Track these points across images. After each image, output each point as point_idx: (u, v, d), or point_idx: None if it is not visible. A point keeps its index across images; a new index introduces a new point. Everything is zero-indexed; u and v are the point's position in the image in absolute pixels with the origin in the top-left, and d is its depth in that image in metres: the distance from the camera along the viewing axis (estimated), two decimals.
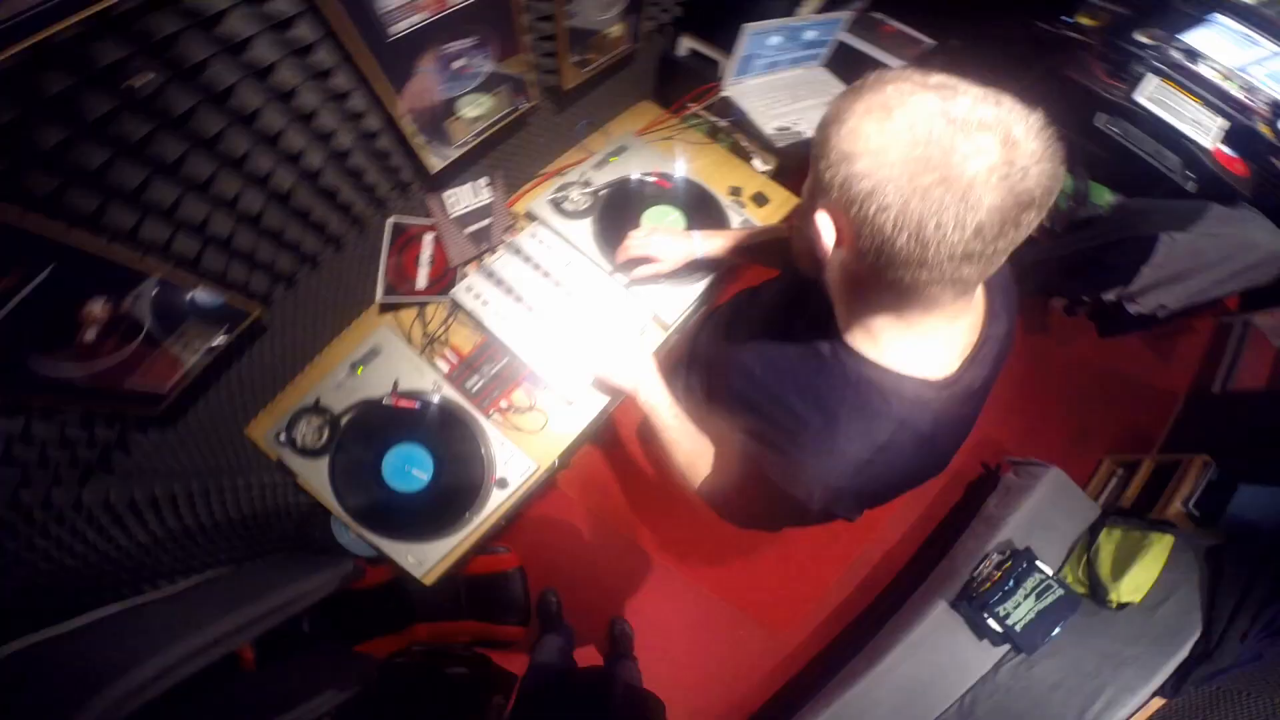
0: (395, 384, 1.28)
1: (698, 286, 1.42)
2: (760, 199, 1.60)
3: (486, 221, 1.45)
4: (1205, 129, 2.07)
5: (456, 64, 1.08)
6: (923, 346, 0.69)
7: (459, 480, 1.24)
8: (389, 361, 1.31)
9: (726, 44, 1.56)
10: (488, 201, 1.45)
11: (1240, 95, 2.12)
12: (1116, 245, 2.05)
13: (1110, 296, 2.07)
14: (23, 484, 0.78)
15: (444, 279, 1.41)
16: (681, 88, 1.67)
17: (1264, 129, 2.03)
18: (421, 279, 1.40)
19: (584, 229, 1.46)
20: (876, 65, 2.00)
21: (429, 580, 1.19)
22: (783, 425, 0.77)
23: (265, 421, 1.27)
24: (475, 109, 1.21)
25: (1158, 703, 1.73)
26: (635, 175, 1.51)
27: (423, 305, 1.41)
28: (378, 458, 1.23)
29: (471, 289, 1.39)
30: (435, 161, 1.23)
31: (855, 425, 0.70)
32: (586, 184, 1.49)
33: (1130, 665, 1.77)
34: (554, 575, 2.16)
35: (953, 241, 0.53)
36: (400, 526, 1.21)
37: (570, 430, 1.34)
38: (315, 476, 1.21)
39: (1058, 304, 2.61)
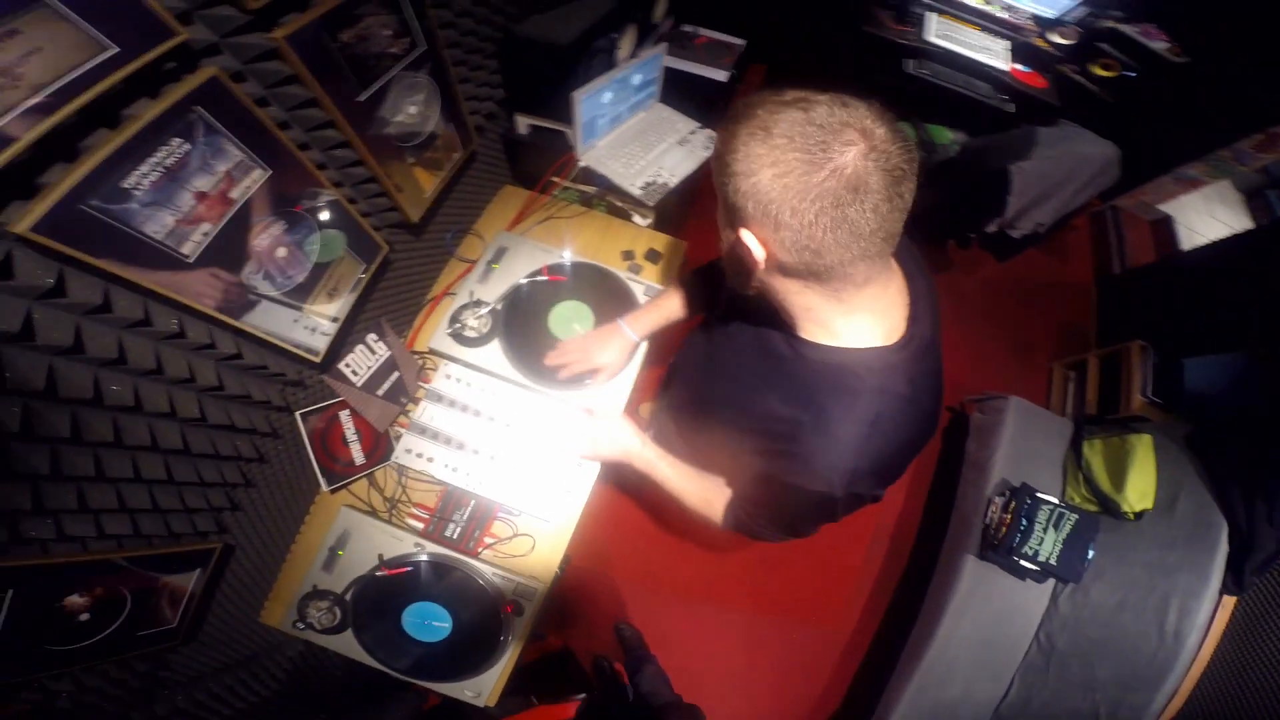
0: (380, 557, 1.24)
1: (632, 369, 1.39)
2: (653, 256, 1.58)
3: (395, 375, 1.34)
4: (994, 52, 2.24)
5: (280, 254, 0.96)
6: (869, 320, 0.75)
7: (478, 618, 1.25)
8: (364, 538, 1.26)
9: (561, 113, 1.50)
10: (387, 355, 1.34)
11: (1005, 15, 2.30)
12: (976, 185, 2.18)
13: (992, 229, 2.21)
14: None
15: (379, 445, 1.32)
16: (538, 164, 1.61)
17: (1039, 42, 2.22)
18: (357, 455, 1.29)
19: (494, 352, 1.38)
20: (705, 81, 2.04)
21: (492, 703, 1.24)
22: (780, 434, 0.80)
23: (276, 608, 1.26)
24: (326, 286, 1.09)
25: (1230, 601, 1.81)
26: (524, 280, 1.43)
27: (370, 474, 1.32)
28: (396, 622, 1.24)
29: (410, 449, 1.31)
30: (314, 348, 1.11)
31: (841, 408, 0.74)
32: (478, 305, 1.40)
33: (1181, 571, 1.84)
34: (595, 643, 2.09)
35: (858, 222, 0.61)
36: (445, 669, 1.24)
37: (561, 539, 1.33)
38: (349, 647, 1.22)
39: (952, 245, 2.76)
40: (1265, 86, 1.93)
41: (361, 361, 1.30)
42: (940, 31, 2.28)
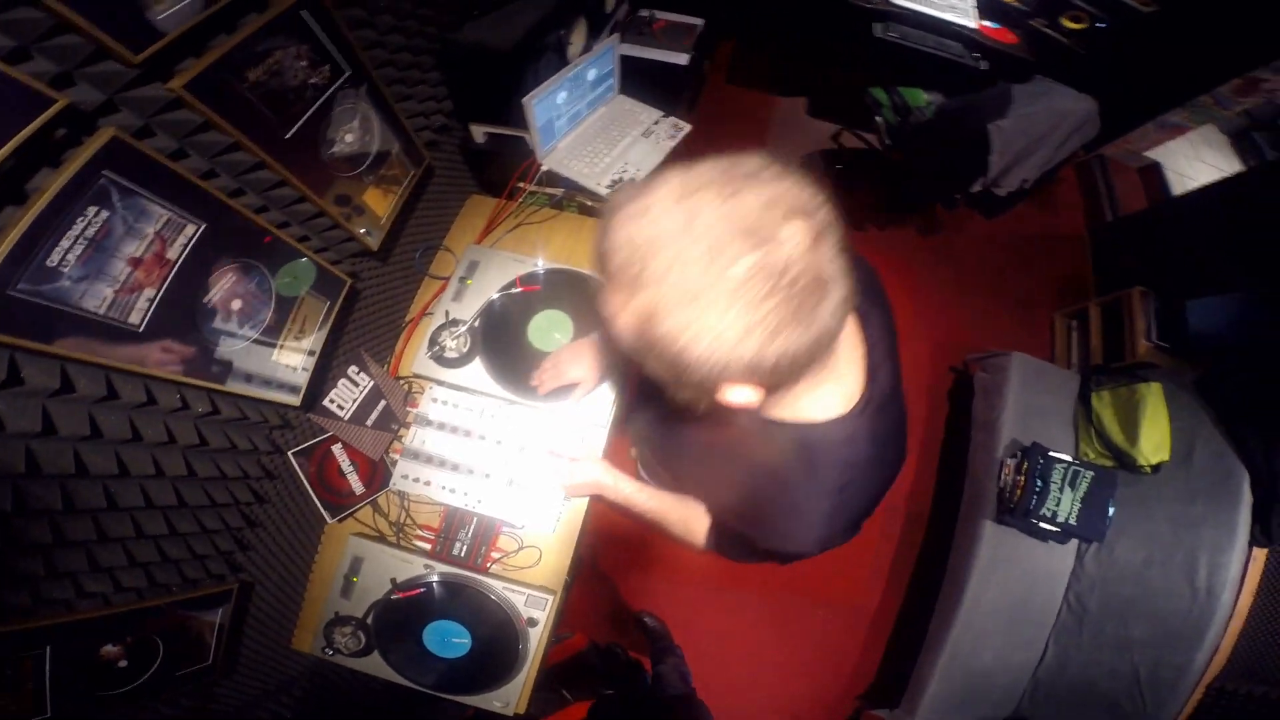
0: (393, 581, 1.25)
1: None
2: None
3: (382, 403, 1.33)
4: (961, 10, 2.15)
5: (235, 305, 0.92)
6: (831, 389, 0.69)
7: (495, 632, 1.26)
8: (376, 563, 1.26)
9: (516, 118, 1.45)
10: (370, 385, 1.32)
11: None
12: (956, 147, 2.11)
13: (977, 188, 2.14)
14: None
15: (378, 472, 1.33)
16: (501, 172, 1.57)
17: None
18: (355, 485, 1.30)
19: (476, 371, 1.36)
20: (666, 67, 1.97)
21: (520, 710, 1.27)
22: (749, 501, 0.79)
23: (305, 635, 1.29)
24: (293, 327, 1.07)
25: (1262, 554, 1.75)
26: (497, 295, 1.40)
27: (373, 501, 1.32)
28: (418, 641, 1.26)
29: (407, 475, 1.31)
30: (295, 385, 1.10)
31: (808, 484, 0.72)
32: (455, 324, 1.37)
33: (1205, 524, 1.78)
34: (621, 636, 2.10)
35: (831, 319, 0.52)
36: (472, 683, 1.26)
37: (566, 548, 1.32)
38: (378, 668, 1.25)
39: (938, 206, 2.68)
40: (1236, 32, 1.83)
41: (345, 395, 1.29)
42: None
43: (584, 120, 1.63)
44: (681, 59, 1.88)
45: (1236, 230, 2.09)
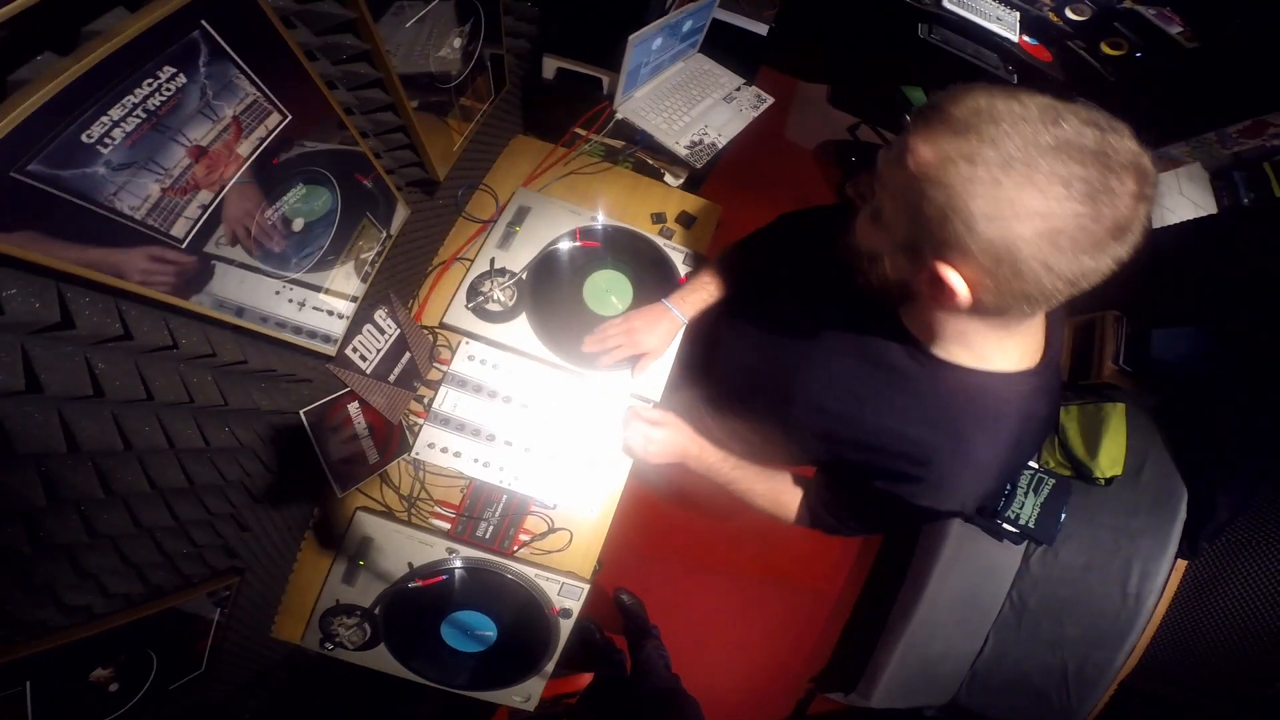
0: (410, 566, 1.05)
1: (670, 353, 1.19)
2: (686, 219, 1.35)
3: (407, 356, 1.10)
4: (1006, 23, 2.08)
5: (298, 225, 0.70)
6: (1022, 343, 0.67)
7: (525, 624, 1.10)
8: (387, 545, 1.06)
9: (595, 56, 1.22)
10: (396, 333, 1.08)
11: None
12: None
13: None
14: None
15: (393, 438, 1.09)
16: (561, 114, 1.33)
17: (1051, 16, 2.06)
18: (370, 452, 1.06)
19: (520, 329, 1.16)
20: (744, 35, 1.76)
21: (534, 709, 1.14)
22: (908, 457, 0.71)
23: (289, 623, 1.08)
24: (347, 259, 0.84)
25: (1182, 565, 1.86)
26: (558, 245, 1.19)
27: (383, 471, 1.10)
28: (435, 637, 1.09)
29: (434, 444, 1.09)
30: (331, 334, 0.87)
31: (985, 435, 0.67)
32: (501, 274, 1.15)
33: (1144, 536, 1.86)
34: (595, 611, 1.99)
35: (1099, 270, 0.50)
36: (492, 678, 1.12)
37: (599, 529, 1.16)
38: (385, 664, 1.08)
39: None
40: (1270, 75, 1.88)
41: (370, 344, 1.04)
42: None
43: (663, 73, 1.42)
44: (762, 28, 1.68)
45: (1204, 267, 2.18)
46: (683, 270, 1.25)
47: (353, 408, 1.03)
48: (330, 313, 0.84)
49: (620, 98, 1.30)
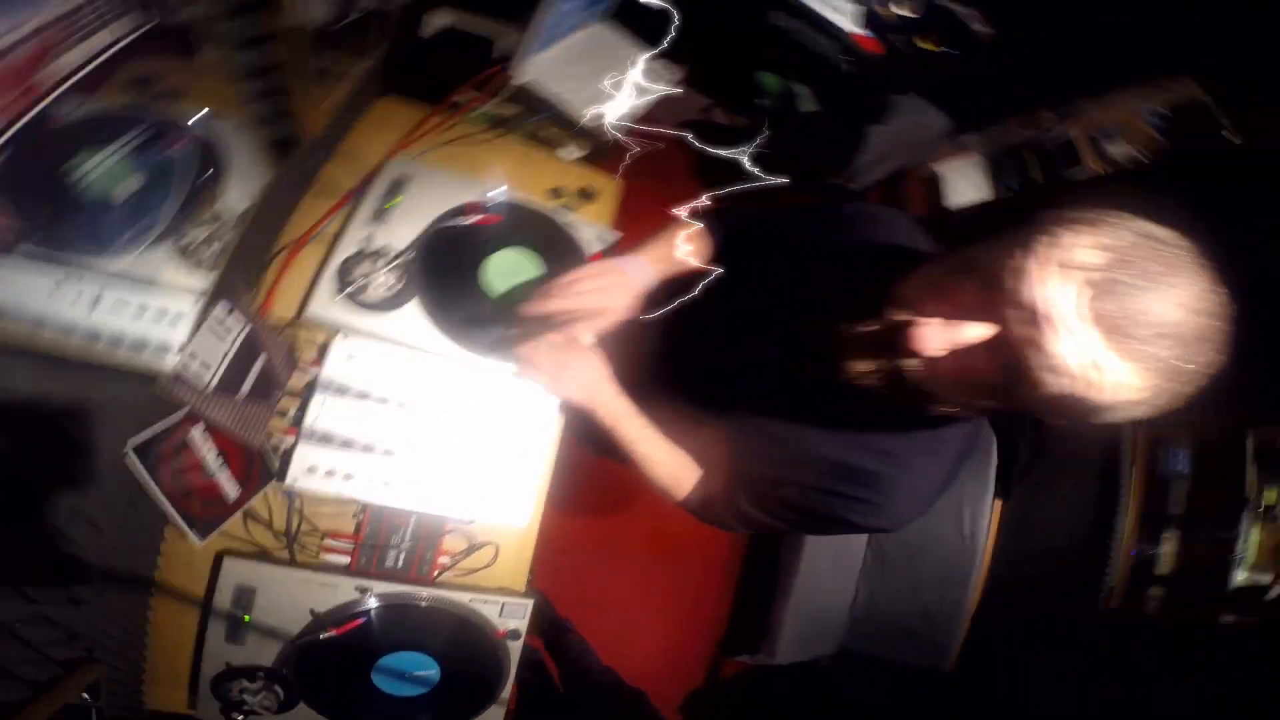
0: (313, 613, 0.86)
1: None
2: (587, 194, 1.23)
3: (261, 361, 0.87)
4: (846, 15, 2.21)
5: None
6: None
7: (470, 653, 0.95)
8: (276, 592, 0.85)
9: (493, 10, 1.05)
10: (245, 331, 0.85)
11: None
12: (833, 142, 2.18)
13: (834, 181, 2.24)
14: None
15: (254, 466, 0.88)
16: (439, 75, 1.13)
17: (883, 10, 2.24)
18: (228, 487, 0.83)
19: (409, 319, 0.97)
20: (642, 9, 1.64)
21: None
22: (845, 481, 0.72)
23: (164, 692, 0.87)
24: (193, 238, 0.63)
25: (999, 504, 2.09)
26: (447, 221, 1.01)
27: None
28: (368, 687, 0.91)
29: (315, 467, 0.87)
30: (167, 344, 0.65)
31: (932, 462, 0.71)
32: (376, 256, 0.95)
33: (969, 481, 2.05)
34: None
35: None
36: (449, 715, 0.98)
37: (527, 536, 1.02)
38: None
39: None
40: (1044, 73, 2.26)
41: (210, 352, 0.80)
42: None
43: (564, 37, 1.28)
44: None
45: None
46: (597, 248, 1.15)
47: (196, 434, 0.79)
48: (162, 315, 0.61)
49: (523, 60, 1.14)
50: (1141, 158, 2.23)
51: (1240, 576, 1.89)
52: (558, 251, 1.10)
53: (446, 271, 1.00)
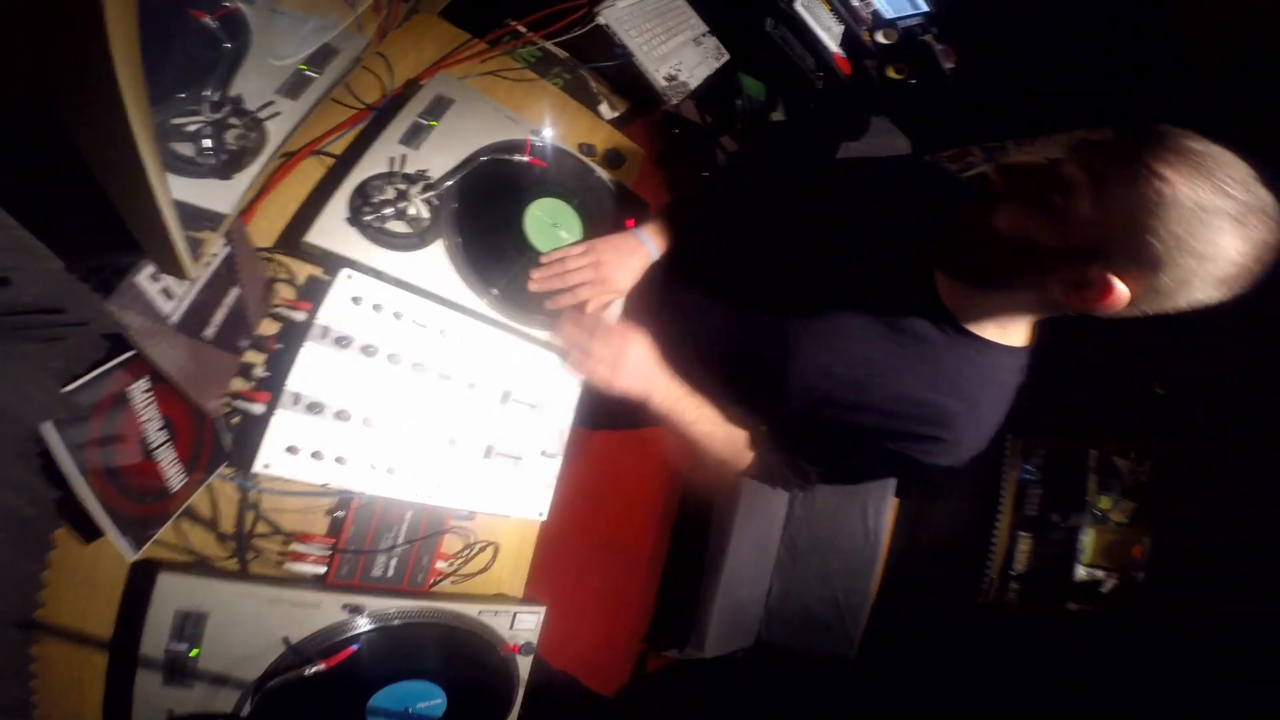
0: (287, 643, 0.63)
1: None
2: (614, 158, 1.07)
3: (234, 295, 0.63)
4: (831, 34, 2.23)
5: None
6: (1033, 324, 0.73)
7: (477, 674, 0.79)
8: (235, 617, 0.61)
9: None
10: (224, 255, 0.61)
11: (856, 4, 2.30)
12: (801, 149, 2.18)
13: None
14: None
15: (206, 442, 0.63)
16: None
17: (865, 35, 2.29)
18: (172, 472, 0.57)
19: (435, 259, 0.76)
20: None
21: None
22: (928, 420, 0.73)
23: None
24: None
25: (896, 502, 2.23)
26: (501, 154, 0.82)
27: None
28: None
29: (295, 448, 0.64)
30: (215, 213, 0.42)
31: (994, 399, 0.73)
32: (410, 181, 0.73)
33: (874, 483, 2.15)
34: None
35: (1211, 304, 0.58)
36: None
37: (527, 533, 0.90)
38: None
39: None
40: (993, 115, 2.46)
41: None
42: (805, 2, 2.16)
43: None
44: None
45: None
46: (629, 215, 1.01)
47: (138, 389, 0.54)
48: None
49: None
50: None
51: (1080, 572, 2.22)
52: (598, 211, 0.95)
53: (484, 212, 0.80)
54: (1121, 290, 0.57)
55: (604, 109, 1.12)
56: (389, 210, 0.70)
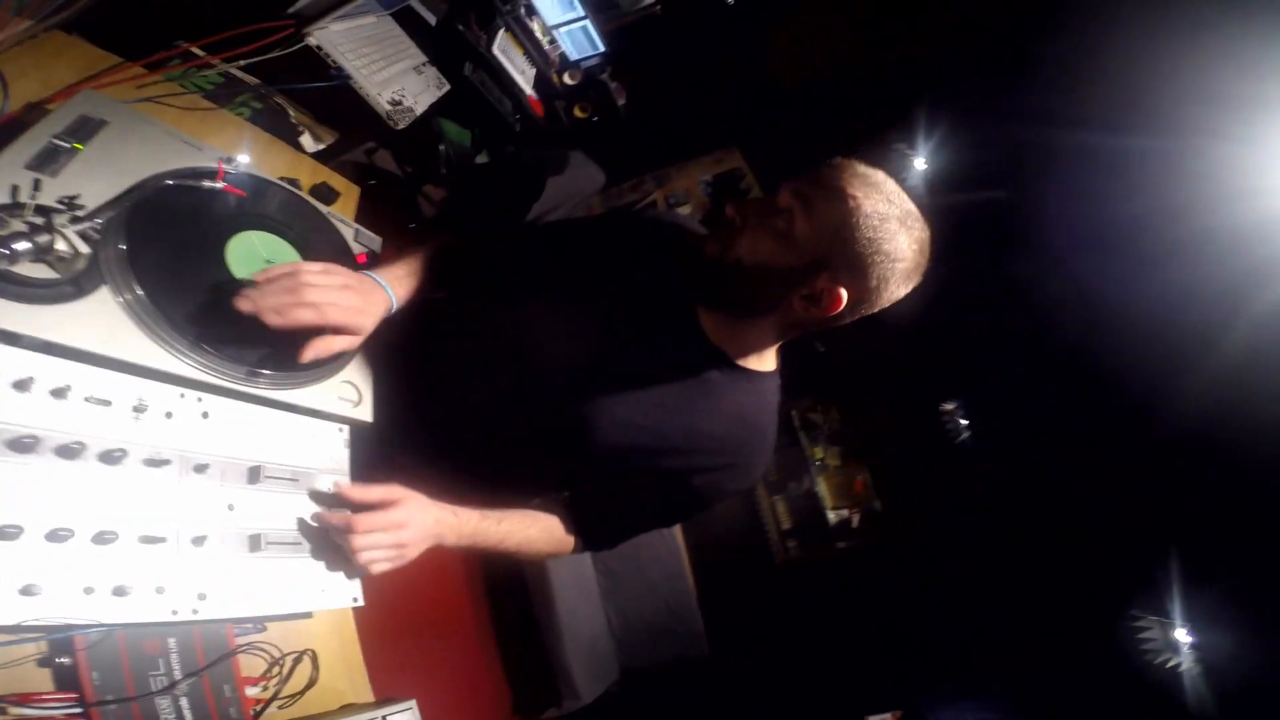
0: None
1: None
2: (326, 193, 0.99)
3: None
4: (526, 77, 2.40)
5: None
6: (775, 351, 0.86)
7: None
8: None
9: None
10: None
11: (547, 48, 2.51)
12: (510, 190, 2.29)
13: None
14: None
15: None
16: (155, 13, 0.78)
17: (555, 77, 2.51)
18: None
19: (98, 313, 0.59)
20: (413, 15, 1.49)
21: None
22: (722, 451, 0.81)
23: None
24: None
25: None
26: (178, 179, 0.68)
27: None
28: None
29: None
30: None
31: (771, 422, 0.85)
32: (54, 211, 0.57)
33: None
34: None
35: (899, 300, 0.75)
36: None
37: (346, 619, 0.79)
38: None
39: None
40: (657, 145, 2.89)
41: None
42: (502, 47, 2.29)
43: (361, 16, 1.14)
44: (431, 17, 1.65)
45: None
46: (360, 250, 0.93)
47: None
48: None
49: (318, 21, 0.89)
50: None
51: (830, 516, 2.68)
52: (317, 247, 0.85)
53: (177, 242, 0.66)
54: (843, 295, 0.71)
55: (306, 140, 1.03)
56: (21, 246, 0.53)
